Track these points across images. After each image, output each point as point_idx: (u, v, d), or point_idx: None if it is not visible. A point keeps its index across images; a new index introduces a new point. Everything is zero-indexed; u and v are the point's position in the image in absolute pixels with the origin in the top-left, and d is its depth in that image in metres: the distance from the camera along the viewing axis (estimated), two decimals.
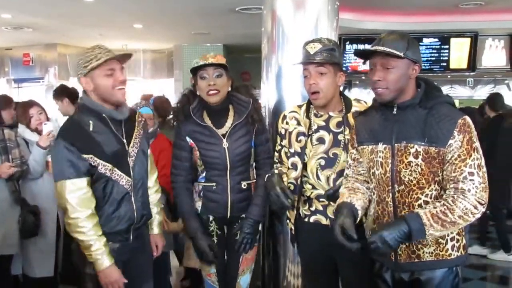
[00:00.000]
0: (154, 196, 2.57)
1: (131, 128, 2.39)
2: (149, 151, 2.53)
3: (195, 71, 2.56)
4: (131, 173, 2.33)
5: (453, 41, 7.54)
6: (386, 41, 1.96)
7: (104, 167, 2.23)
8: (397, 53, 1.94)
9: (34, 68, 9.15)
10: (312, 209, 2.46)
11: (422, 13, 6.70)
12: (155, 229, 2.60)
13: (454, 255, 2.00)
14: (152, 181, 2.55)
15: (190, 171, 2.68)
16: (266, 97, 3.21)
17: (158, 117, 3.98)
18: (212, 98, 2.55)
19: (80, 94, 2.40)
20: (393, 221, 1.97)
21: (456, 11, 6.58)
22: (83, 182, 2.19)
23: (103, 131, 2.26)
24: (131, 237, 2.35)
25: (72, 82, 8.94)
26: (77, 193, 2.18)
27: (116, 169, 2.26)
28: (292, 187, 2.45)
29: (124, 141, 2.33)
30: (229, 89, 2.63)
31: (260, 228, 2.88)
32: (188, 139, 2.64)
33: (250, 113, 2.61)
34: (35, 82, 8.93)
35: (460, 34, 7.44)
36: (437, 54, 7.57)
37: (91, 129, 2.23)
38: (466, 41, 7.49)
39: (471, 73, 7.86)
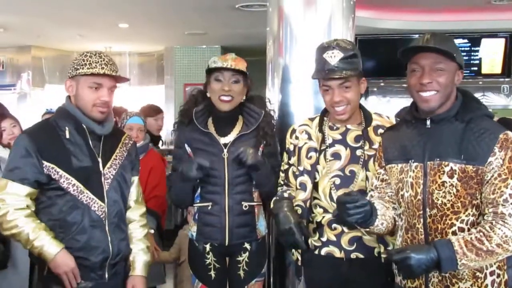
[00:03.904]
0: (140, 231, 2.52)
1: (112, 147, 2.40)
2: (137, 180, 2.52)
3: (210, 70, 2.60)
4: (105, 198, 2.32)
5: (485, 42, 7.52)
6: (436, 40, 1.99)
7: (67, 181, 2.24)
8: (452, 53, 1.97)
9: (4, 74, 9.17)
10: (323, 239, 2.41)
11: (449, 10, 6.71)
12: (137, 270, 2.44)
13: None
14: (138, 214, 2.53)
15: None
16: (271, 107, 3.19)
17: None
18: (224, 105, 2.60)
19: None
20: (422, 245, 1.98)
21: (488, 8, 6.58)
22: (20, 189, 2.21)
23: (78, 142, 2.29)
24: (106, 275, 2.32)
25: (48, 90, 9.00)
26: (12, 197, 2.20)
27: (87, 191, 2.27)
28: (299, 211, 2.42)
29: (99, 159, 2.33)
30: (244, 98, 2.66)
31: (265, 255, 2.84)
32: (186, 146, 2.67)
33: (260, 125, 2.63)
34: (6, 90, 8.94)
35: (493, 34, 7.43)
36: (466, 57, 7.53)
37: (67, 136, 2.27)
38: (500, 42, 7.48)
39: (506, 79, 7.82)
